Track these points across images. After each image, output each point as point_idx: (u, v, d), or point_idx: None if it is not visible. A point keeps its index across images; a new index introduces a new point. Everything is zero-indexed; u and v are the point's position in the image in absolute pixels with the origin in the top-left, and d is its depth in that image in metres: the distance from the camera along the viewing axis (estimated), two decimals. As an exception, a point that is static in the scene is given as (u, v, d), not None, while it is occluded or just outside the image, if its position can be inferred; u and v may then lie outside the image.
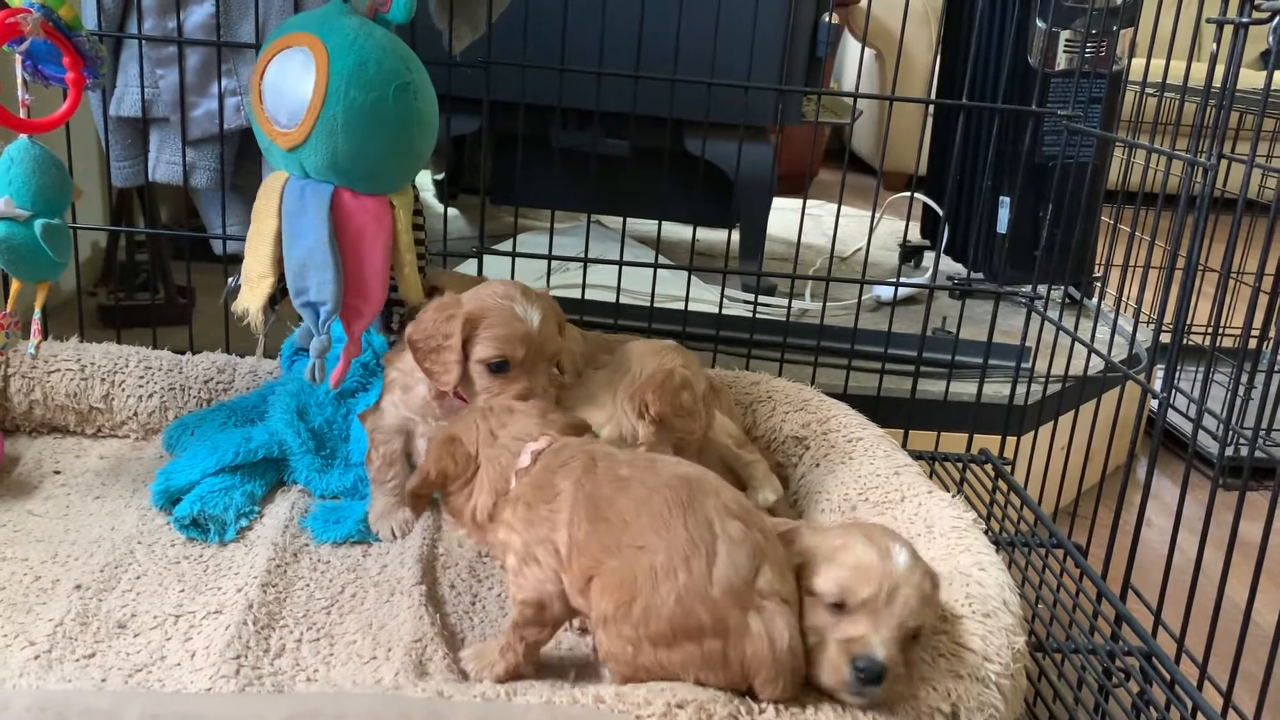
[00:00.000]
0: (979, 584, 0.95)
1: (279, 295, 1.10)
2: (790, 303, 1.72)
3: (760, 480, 1.19)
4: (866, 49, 4.10)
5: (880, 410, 1.41)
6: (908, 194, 1.84)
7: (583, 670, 0.96)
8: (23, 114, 1.07)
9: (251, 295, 1.09)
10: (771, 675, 0.79)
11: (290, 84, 1.03)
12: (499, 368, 1.06)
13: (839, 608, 0.82)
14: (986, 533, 1.09)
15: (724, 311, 1.71)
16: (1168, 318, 1.31)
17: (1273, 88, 1.02)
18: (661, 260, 1.58)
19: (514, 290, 1.08)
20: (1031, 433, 1.68)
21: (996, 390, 1.64)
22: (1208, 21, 1.12)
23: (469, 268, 1.71)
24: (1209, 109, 1.12)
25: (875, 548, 0.84)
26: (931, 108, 1.75)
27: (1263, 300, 1.18)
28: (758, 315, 1.68)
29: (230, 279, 1.14)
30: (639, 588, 0.81)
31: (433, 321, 1.07)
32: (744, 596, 0.80)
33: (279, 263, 1.08)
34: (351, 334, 1.12)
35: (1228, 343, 2.21)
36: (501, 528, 0.93)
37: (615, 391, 1.12)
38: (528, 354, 1.06)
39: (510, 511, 0.92)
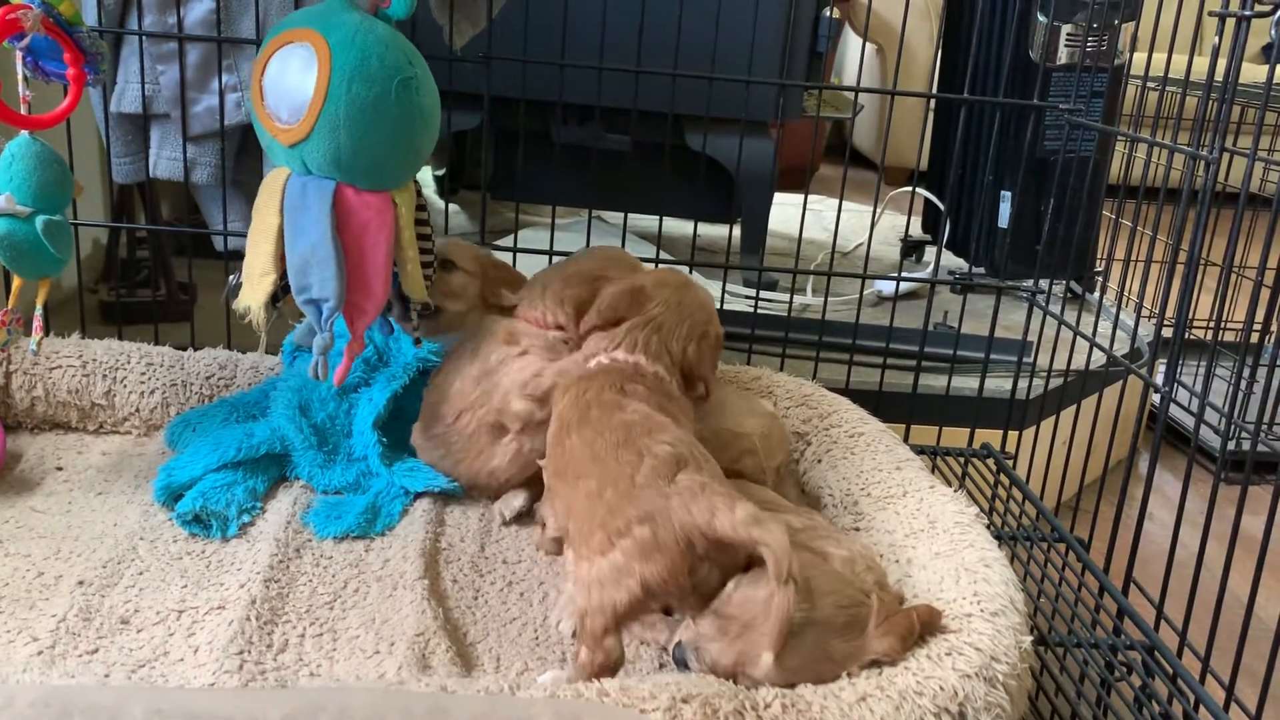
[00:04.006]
0: (985, 581, 0.94)
1: (280, 292, 1.10)
2: (791, 298, 1.72)
3: None
4: (867, 43, 4.09)
5: (882, 405, 1.41)
6: (909, 189, 1.84)
7: (585, 665, 0.96)
8: (23, 110, 1.07)
9: (253, 293, 1.08)
10: (700, 545, 0.85)
11: (292, 80, 1.03)
12: None
13: None
14: (989, 527, 1.09)
15: (725, 307, 1.71)
16: (1169, 312, 1.31)
17: (1275, 81, 1.02)
18: (663, 255, 1.58)
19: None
20: (1033, 427, 1.67)
21: (998, 385, 1.64)
22: (1209, 15, 1.11)
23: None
24: (1211, 103, 1.12)
25: None
26: (933, 102, 1.75)
27: (1265, 294, 1.18)
28: (759, 310, 1.68)
29: (231, 277, 1.14)
30: (581, 512, 0.92)
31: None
32: (661, 488, 0.88)
33: (281, 260, 1.08)
34: (354, 331, 1.12)
35: (1229, 337, 2.22)
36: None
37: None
38: None
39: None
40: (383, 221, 1.09)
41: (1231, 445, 1.11)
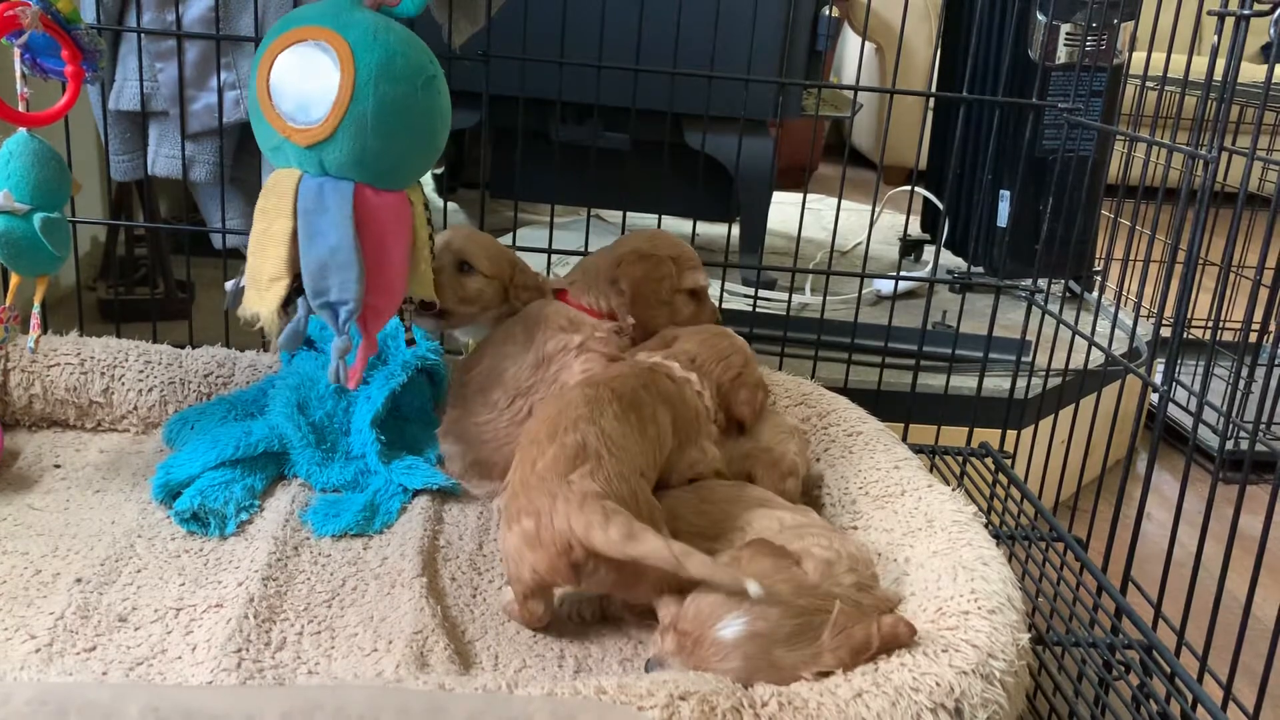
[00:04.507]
0: (983, 579, 0.94)
1: (292, 296, 1.08)
2: (790, 297, 1.72)
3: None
4: (866, 43, 4.10)
5: (880, 404, 1.41)
6: (908, 188, 1.84)
7: (583, 662, 0.96)
8: (21, 107, 1.07)
9: (262, 299, 1.05)
10: (578, 551, 0.90)
11: (311, 79, 1.00)
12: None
13: None
14: (987, 526, 1.09)
15: (724, 305, 1.71)
16: (1168, 311, 1.31)
17: (1274, 80, 1.02)
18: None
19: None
20: (1032, 426, 1.68)
21: (997, 384, 1.64)
22: (1209, 14, 1.11)
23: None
24: (1210, 102, 1.12)
25: None
26: (932, 101, 1.75)
27: (1263, 294, 1.18)
28: (758, 309, 1.68)
29: (229, 284, 1.11)
30: (513, 476, 0.99)
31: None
32: (552, 485, 0.92)
33: (293, 264, 1.05)
34: (368, 334, 1.10)
35: (1228, 336, 2.22)
36: None
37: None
38: None
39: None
40: (401, 221, 1.07)
41: (1230, 445, 1.11)
